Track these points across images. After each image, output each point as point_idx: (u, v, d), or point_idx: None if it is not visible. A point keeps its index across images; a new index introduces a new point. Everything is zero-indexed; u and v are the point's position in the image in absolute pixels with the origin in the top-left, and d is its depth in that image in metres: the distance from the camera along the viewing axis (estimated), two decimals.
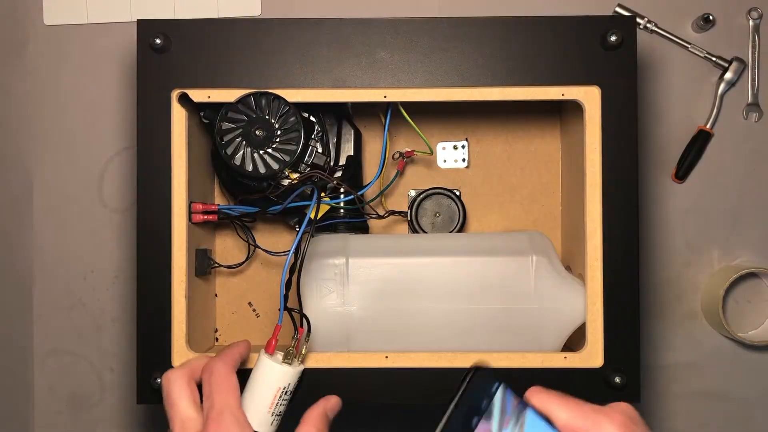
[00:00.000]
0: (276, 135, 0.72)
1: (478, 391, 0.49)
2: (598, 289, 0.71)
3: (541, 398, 0.51)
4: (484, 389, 0.49)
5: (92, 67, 0.90)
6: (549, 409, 0.50)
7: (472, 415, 0.48)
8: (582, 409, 0.50)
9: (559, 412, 0.50)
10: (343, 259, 0.74)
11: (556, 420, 0.50)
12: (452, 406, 0.48)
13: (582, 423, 0.50)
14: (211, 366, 0.60)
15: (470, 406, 0.49)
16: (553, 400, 0.51)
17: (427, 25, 0.72)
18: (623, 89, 0.72)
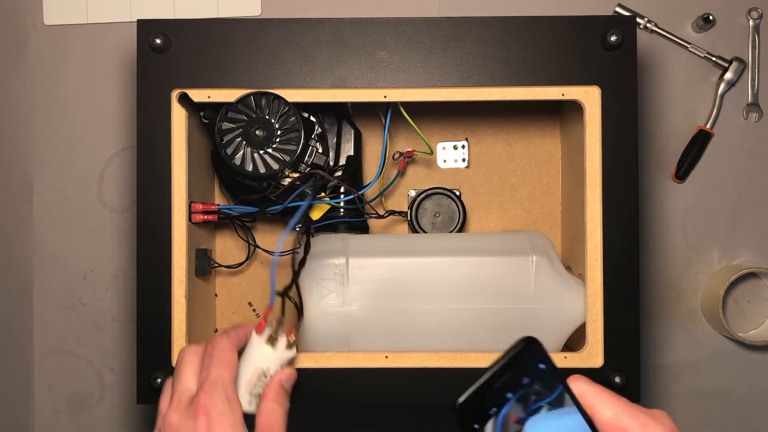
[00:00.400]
0: (276, 135, 0.72)
1: (523, 366, 0.45)
2: (598, 289, 0.71)
3: (586, 389, 0.47)
4: (530, 366, 0.46)
5: (92, 67, 0.90)
6: (592, 402, 0.47)
7: (508, 389, 0.45)
8: (630, 408, 0.47)
9: (604, 407, 0.47)
10: (343, 259, 0.74)
11: (599, 415, 0.46)
12: (493, 370, 0.45)
13: (628, 422, 0.46)
14: (215, 340, 0.61)
15: (509, 379, 0.45)
16: (599, 394, 0.47)
17: (427, 25, 0.72)
18: (623, 89, 0.72)
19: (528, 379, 0.45)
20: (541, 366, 0.46)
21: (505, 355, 0.45)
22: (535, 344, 0.46)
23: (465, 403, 0.45)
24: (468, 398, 0.45)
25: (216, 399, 0.57)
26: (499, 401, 0.45)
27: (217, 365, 0.59)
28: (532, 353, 0.46)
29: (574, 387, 0.47)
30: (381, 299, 0.74)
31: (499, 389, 0.45)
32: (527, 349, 0.46)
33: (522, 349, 0.45)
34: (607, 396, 0.47)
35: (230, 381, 0.59)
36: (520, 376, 0.45)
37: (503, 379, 0.45)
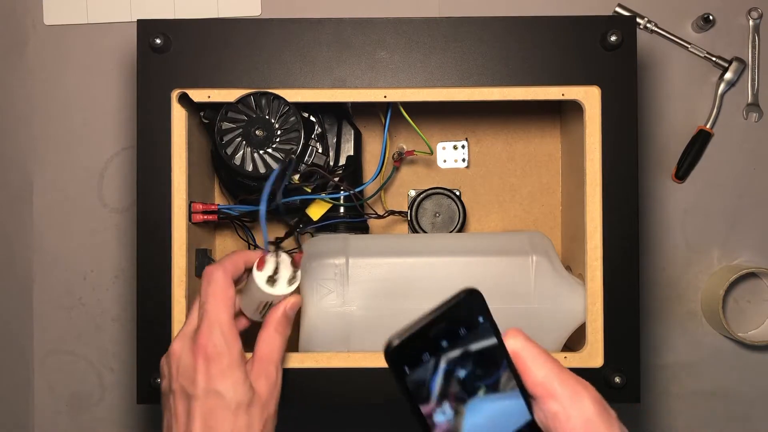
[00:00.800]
0: (276, 135, 0.72)
1: (461, 317, 0.45)
2: (598, 289, 0.71)
3: (523, 346, 0.46)
4: (468, 317, 0.45)
5: (92, 67, 0.90)
6: (526, 360, 0.46)
7: (443, 338, 0.45)
8: (563, 373, 0.46)
9: (538, 368, 0.46)
10: (343, 259, 0.74)
11: (530, 375, 0.46)
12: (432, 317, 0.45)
13: (559, 387, 0.45)
14: (211, 272, 0.62)
15: (446, 327, 0.45)
16: (536, 353, 0.46)
17: (427, 25, 0.72)
18: (623, 89, 0.72)
19: (465, 330, 0.45)
20: (480, 319, 0.46)
21: (444, 303, 0.45)
22: (476, 296, 0.45)
23: (399, 346, 0.45)
24: (403, 341, 0.45)
25: (213, 338, 0.59)
26: (433, 348, 0.45)
27: (213, 302, 0.60)
28: (473, 305, 0.46)
29: (510, 342, 0.46)
30: (381, 299, 0.74)
31: (435, 336, 0.45)
32: (468, 300, 0.45)
33: (462, 300, 0.45)
34: (542, 357, 0.46)
35: (227, 318, 0.60)
36: (457, 326, 0.45)
37: (440, 327, 0.45)
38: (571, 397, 0.45)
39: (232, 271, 0.63)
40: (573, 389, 0.46)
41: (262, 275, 0.63)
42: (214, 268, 0.62)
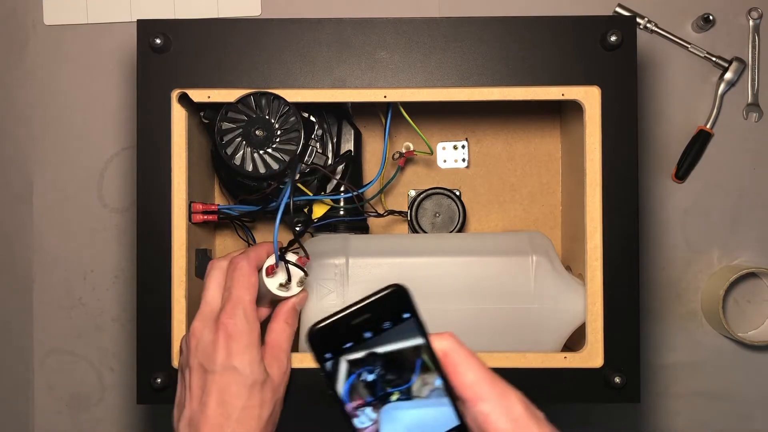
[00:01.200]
0: (276, 135, 0.72)
1: (387, 310, 0.46)
2: (598, 289, 0.71)
3: (453, 348, 0.47)
4: (394, 312, 0.46)
5: (92, 67, 0.90)
6: (457, 362, 0.47)
7: (367, 329, 0.46)
8: (491, 376, 0.47)
9: (468, 370, 0.46)
10: (343, 259, 0.74)
11: (461, 376, 0.46)
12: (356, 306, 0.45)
13: (488, 390, 0.46)
14: (236, 261, 0.66)
15: (370, 319, 0.46)
16: (467, 356, 0.47)
17: (427, 25, 0.72)
18: (623, 89, 0.72)
19: (389, 323, 0.46)
20: (406, 315, 0.46)
21: (370, 295, 0.46)
22: (402, 293, 0.46)
23: (320, 330, 0.45)
24: (325, 326, 0.46)
25: (236, 319, 0.63)
26: (356, 338, 0.46)
27: (238, 287, 0.64)
28: (399, 301, 0.46)
29: (440, 343, 0.47)
30: None
31: (359, 326, 0.46)
32: (394, 295, 0.46)
33: (389, 294, 0.46)
34: (472, 359, 0.47)
35: (250, 302, 0.64)
36: (381, 318, 0.46)
37: (364, 317, 0.46)
38: (499, 399, 0.46)
39: (255, 262, 0.67)
40: (501, 391, 0.47)
41: (273, 282, 0.67)
42: (240, 258, 0.66)
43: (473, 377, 0.46)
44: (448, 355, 0.47)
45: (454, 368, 0.47)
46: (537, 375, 0.71)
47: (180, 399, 0.64)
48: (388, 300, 0.46)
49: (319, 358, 0.46)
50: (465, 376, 0.46)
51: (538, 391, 0.71)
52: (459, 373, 0.46)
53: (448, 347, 0.47)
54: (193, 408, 0.62)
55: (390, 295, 0.46)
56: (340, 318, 0.46)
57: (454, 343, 0.47)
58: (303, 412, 0.87)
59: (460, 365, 0.47)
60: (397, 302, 0.46)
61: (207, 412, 0.60)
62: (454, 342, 0.47)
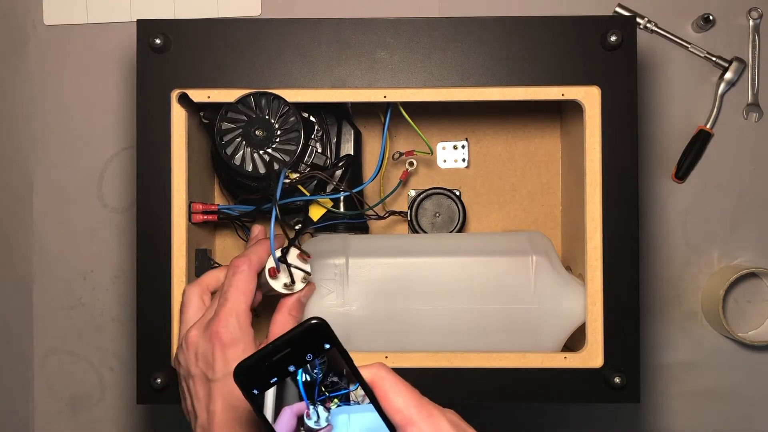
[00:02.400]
0: (276, 135, 0.72)
1: (307, 343, 0.47)
2: (598, 289, 0.71)
3: (379, 374, 0.49)
4: (315, 344, 0.47)
5: (92, 67, 0.90)
6: (385, 389, 0.48)
7: (290, 362, 0.47)
8: (419, 400, 0.49)
9: (396, 396, 0.48)
10: (343, 259, 0.74)
11: (390, 403, 0.48)
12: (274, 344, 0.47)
13: (416, 413, 0.48)
14: (237, 265, 0.66)
15: (292, 353, 0.47)
16: (392, 381, 0.49)
17: (427, 25, 0.72)
18: (623, 89, 0.72)
19: (311, 355, 0.47)
20: (327, 346, 0.48)
21: (290, 331, 0.47)
22: (319, 325, 0.47)
23: (244, 370, 0.47)
24: (246, 366, 0.47)
25: (229, 326, 0.63)
26: (280, 372, 0.47)
27: (235, 293, 0.65)
28: (318, 333, 0.47)
29: (368, 372, 0.48)
30: (381, 299, 0.74)
31: (281, 361, 0.47)
32: (313, 328, 0.47)
33: (306, 328, 0.47)
34: (400, 385, 0.49)
35: (245, 309, 0.64)
36: (303, 352, 0.47)
37: (285, 353, 0.47)
38: (427, 421, 0.48)
39: (257, 265, 0.67)
40: (429, 413, 0.48)
41: (277, 282, 0.68)
42: (242, 261, 0.66)
43: (402, 402, 0.48)
44: (377, 383, 0.48)
45: (384, 395, 0.48)
46: (537, 375, 0.71)
47: (190, 409, 0.65)
48: (307, 333, 0.47)
49: (248, 395, 0.47)
50: (394, 401, 0.48)
51: (538, 391, 0.71)
52: (388, 399, 0.48)
53: (376, 376, 0.49)
54: (203, 416, 0.62)
55: (309, 328, 0.47)
56: (261, 356, 0.47)
57: (383, 371, 0.49)
58: None
59: (389, 391, 0.48)
60: (316, 335, 0.47)
61: (215, 420, 0.61)
62: (383, 370, 0.49)
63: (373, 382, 0.48)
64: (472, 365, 0.71)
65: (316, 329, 0.47)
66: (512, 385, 0.71)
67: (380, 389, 0.48)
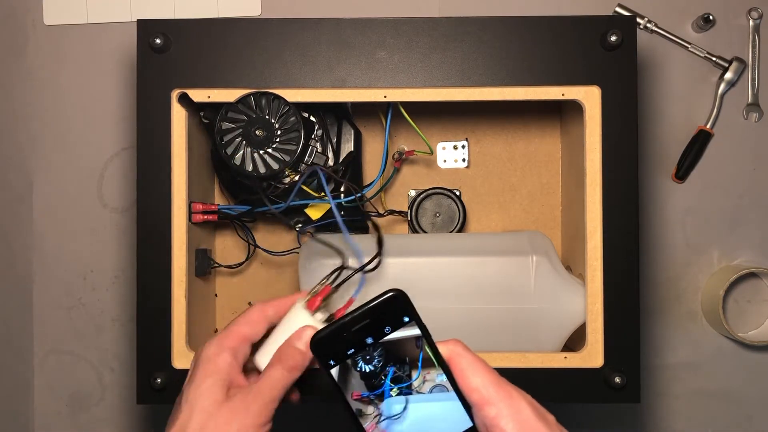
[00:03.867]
0: (276, 135, 0.72)
1: (387, 315, 0.47)
2: (598, 289, 0.71)
3: (460, 352, 0.47)
4: (394, 316, 0.47)
5: (92, 67, 0.90)
6: (463, 367, 0.47)
7: (368, 334, 0.46)
8: (498, 379, 0.47)
9: (473, 375, 0.47)
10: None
11: (467, 381, 0.47)
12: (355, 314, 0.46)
13: (494, 393, 0.47)
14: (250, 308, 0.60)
15: (370, 324, 0.46)
16: (473, 361, 0.47)
17: (427, 25, 0.72)
18: (623, 89, 0.72)
19: (390, 328, 0.47)
20: (406, 319, 0.47)
21: (370, 301, 0.46)
22: (401, 297, 0.47)
23: (321, 339, 0.46)
24: (325, 335, 0.47)
25: (208, 347, 0.57)
26: (358, 344, 0.47)
27: (236, 322, 0.59)
28: (399, 305, 0.47)
29: (446, 348, 0.47)
30: None
31: (359, 332, 0.46)
32: (393, 300, 0.47)
33: (388, 299, 0.47)
34: (478, 364, 0.47)
35: (235, 334, 0.58)
36: (382, 323, 0.47)
37: (364, 323, 0.46)
38: (507, 402, 0.46)
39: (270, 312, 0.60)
40: (508, 394, 0.47)
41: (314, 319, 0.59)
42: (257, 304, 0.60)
43: (480, 381, 0.47)
44: (454, 360, 0.47)
45: (461, 372, 0.47)
46: (537, 375, 0.71)
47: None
48: (388, 305, 0.46)
49: (324, 364, 0.46)
50: (471, 380, 0.47)
51: (538, 391, 0.71)
52: (465, 378, 0.47)
53: (453, 352, 0.47)
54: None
55: (389, 300, 0.46)
56: (341, 325, 0.46)
57: (460, 348, 0.48)
58: (306, 411, 0.87)
59: (466, 369, 0.47)
60: (397, 307, 0.47)
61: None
62: (460, 347, 0.48)
63: (450, 359, 0.47)
64: None
65: (396, 300, 0.46)
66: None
67: (457, 366, 0.47)
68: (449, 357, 0.47)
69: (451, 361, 0.47)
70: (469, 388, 0.47)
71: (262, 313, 0.59)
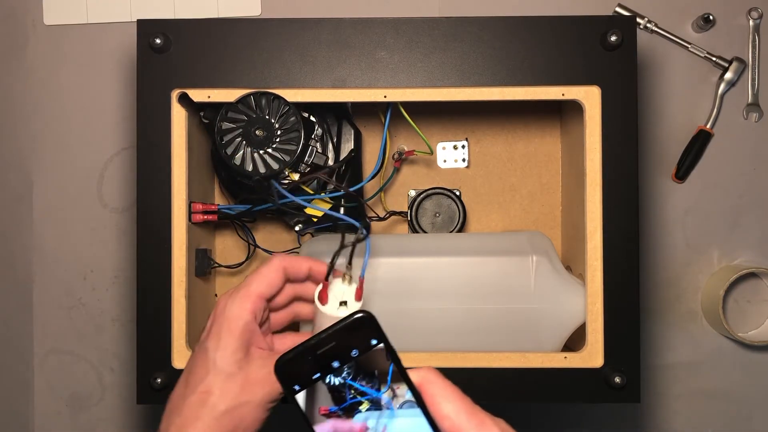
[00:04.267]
0: (276, 135, 0.72)
1: (354, 338, 0.45)
2: (598, 289, 0.71)
3: (433, 379, 0.46)
4: (362, 339, 0.45)
5: (92, 67, 0.90)
6: (434, 393, 0.46)
7: (334, 358, 0.45)
8: (471, 407, 0.46)
9: (445, 402, 0.45)
10: (343, 259, 0.74)
11: (439, 408, 0.45)
12: (320, 336, 0.44)
13: (466, 420, 0.45)
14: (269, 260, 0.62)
15: (336, 348, 0.44)
16: (445, 386, 0.46)
17: (427, 25, 0.72)
18: (623, 89, 0.72)
19: (357, 351, 0.45)
20: (374, 342, 0.45)
21: (335, 324, 0.45)
22: (368, 320, 0.45)
23: (285, 363, 0.44)
24: (288, 359, 0.45)
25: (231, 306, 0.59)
26: (324, 368, 0.45)
27: (252, 276, 0.61)
28: (365, 328, 0.45)
29: (417, 375, 0.46)
30: (381, 299, 0.74)
31: (324, 356, 0.45)
32: (360, 322, 0.45)
33: (354, 322, 0.45)
34: (451, 391, 0.46)
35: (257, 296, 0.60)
36: (349, 347, 0.45)
37: (329, 347, 0.45)
38: (479, 430, 0.45)
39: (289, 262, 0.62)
40: (481, 421, 0.46)
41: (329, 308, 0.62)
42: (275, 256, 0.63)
43: (451, 408, 0.46)
44: (425, 386, 0.46)
45: (432, 399, 0.46)
46: (537, 375, 0.71)
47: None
48: (355, 327, 0.45)
49: (289, 390, 0.45)
50: (443, 407, 0.45)
51: (538, 391, 0.71)
52: (437, 404, 0.46)
53: (424, 379, 0.46)
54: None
55: (356, 322, 0.45)
56: (306, 348, 0.45)
57: (432, 374, 0.46)
58: None
59: (437, 396, 0.46)
60: (365, 329, 0.45)
61: (176, 390, 0.59)
62: (432, 374, 0.46)
63: (421, 386, 0.46)
64: (472, 365, 0.71)
65: (362, 323, 0.45)
66: (512, 385, 0.71)
67: (428, 393, 0.46)
68: (420, 383, 0.46)
69: (422, 387, 0.46)
70: (440, 416, 0.45)
71: (280, 265, 0.62)
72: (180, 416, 0.57)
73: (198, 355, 0.60)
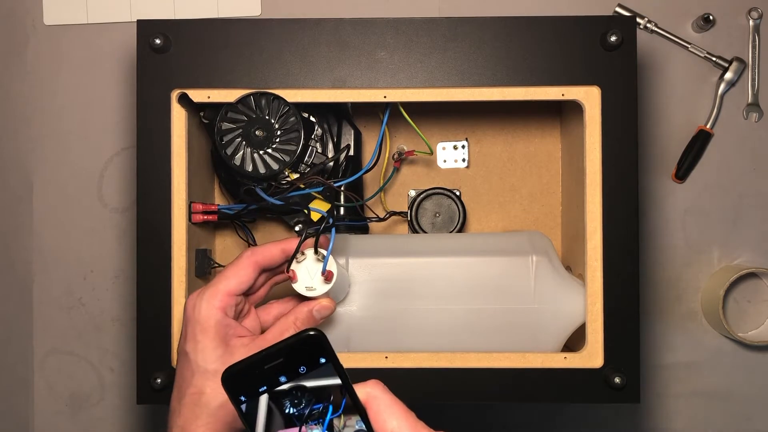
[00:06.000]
0: (276, 135, 0.72)
1: (301, 355, 0.45)
2: (598, 289, 0.71)
3: (375, 393, 0.47)
4: (310, 357, 0.45)
5: (92, 67, 0.90)
6: (379, 410, 0.46)
7: (281, 373, 0.45)
8: (415, 423, 0.46)
9: (390, 418, 0.46)
10: (343, 259, 0.74)
11: (383, 425, 0.46)
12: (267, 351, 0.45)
13: None
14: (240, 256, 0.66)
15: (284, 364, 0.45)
16: (389, 403, 0.47)
17: (427, 25, 0.72)
18: (623, 89, 0.72)
19: (305, 368, 0.45)
20: (322, 360, 0.46)
21: (285, 340, 0.45)
22: (317, 338, 0.45)
23: (233, 375, 0.45)
24: (236, 371, 0.45)
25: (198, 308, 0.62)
26: (270, 382, 0.45)
27: (221, 274, 0.64)
28: (314, 346, 0.45)
29: (363, 390, 0.46)
30: (381, 299, 0.74)
31: (272, 370, 0.45)
32: (309, 340, 0.45)
33: (303, 339, 0.45)
34: (396, 407, 0.46)
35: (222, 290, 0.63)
36: (296, 363, 0.45)
37: (277, 362, 0.45)
38: None
39: (261, 255, 0.65)
40: None
41: (299, 286, 0.66)
42: (246, 252, 0.65)
43: (396, 424, 0.46)
44: (370, 403, 0.46)
45: (377, 416, 0.46)
46: (537, 375, 0.71)
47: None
48: (303, 345, 0.45)
49: (234, 400, 0.46)
50: (387, 423, 0.46)
51: (538, 391, 0.71)
52: (381, 421, 0.46)
53: (370, 395, 0.46)
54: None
55: (305, 339, 0.45)
56: (252, 363, 0.45)
57: (378, 390, 0.47)
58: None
59: (382, 412, 0.46)
60: (313, 347, 0.45)
61: (172, 395, 0.63)
62: (378, 389, 0.47)
63: (366, 402, 0.46)
64: (472, 365, 0.71)
65: (312, 341, 0.45)
66: (512, 385, 0.71)
67: (373, 409, 0.46)
68: (366, 400, 0.46)
69: (368, 403, 0.46)
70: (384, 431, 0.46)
71: (250, 261, 0.65)
72: (180, 417, 0.61)
73: (181, 359, 0.63)
